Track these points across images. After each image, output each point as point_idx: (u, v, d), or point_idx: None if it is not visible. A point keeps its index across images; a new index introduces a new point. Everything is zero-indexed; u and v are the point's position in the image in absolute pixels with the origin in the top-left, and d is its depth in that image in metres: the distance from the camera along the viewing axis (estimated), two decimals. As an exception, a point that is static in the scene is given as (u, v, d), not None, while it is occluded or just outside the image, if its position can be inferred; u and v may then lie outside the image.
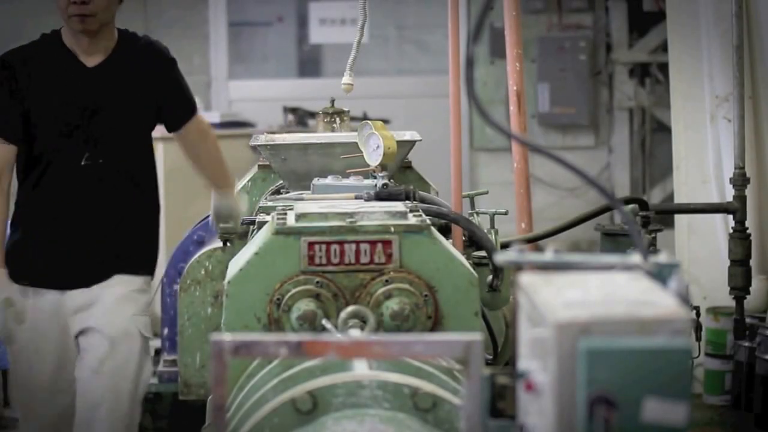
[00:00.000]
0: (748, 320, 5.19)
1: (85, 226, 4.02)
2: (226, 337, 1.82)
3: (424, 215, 2.88)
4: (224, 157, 4.17)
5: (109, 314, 3.99)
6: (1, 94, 3.95)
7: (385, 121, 4.05)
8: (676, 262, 1.85)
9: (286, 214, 2.87)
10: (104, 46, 4.02)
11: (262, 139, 3.88)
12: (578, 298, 1.72)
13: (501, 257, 1.92)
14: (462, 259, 2.83)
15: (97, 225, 4.03)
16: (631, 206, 4.83)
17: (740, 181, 5.17)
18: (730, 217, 5.27)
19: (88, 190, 4.01)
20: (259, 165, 3.94)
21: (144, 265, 4.11)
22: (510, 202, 4.10)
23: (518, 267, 1.90)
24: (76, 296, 4.00)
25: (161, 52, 4.11)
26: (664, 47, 7.94)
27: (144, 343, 4.04)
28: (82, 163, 3.98)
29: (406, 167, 3.84)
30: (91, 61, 4.03)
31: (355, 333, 2.64)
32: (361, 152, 3.40)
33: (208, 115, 8.50)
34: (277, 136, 3.92)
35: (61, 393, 4.00)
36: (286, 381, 2.51)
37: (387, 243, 2.75)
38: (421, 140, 3.67)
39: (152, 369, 4.34)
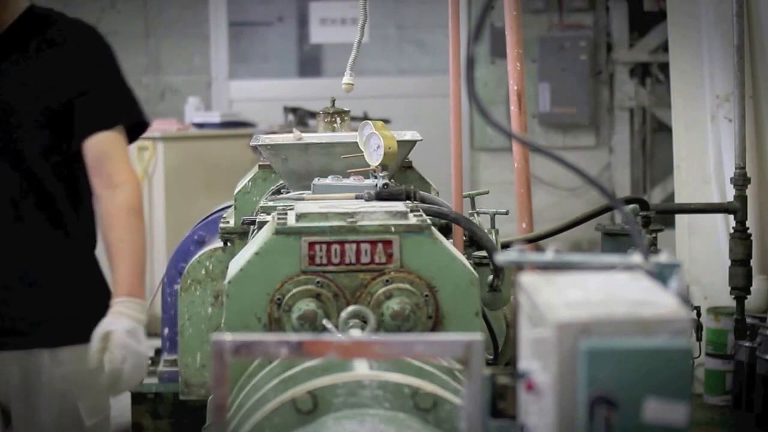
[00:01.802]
0: (748, 320, 5.18)
1: None
2: (227, 337, 1.82)
3: (424, 215, 2.88)
4: (143, 256, 2.98)
5: (42, 408, 3.04)
6: None
7: (386, 121, 4.05)
8: (676, 262, 1.85)
9: (286, 214, 2.87)
10: None
11: (263, 139, 3.88)
12: (579, 298, 1.72)
13: (502, 257, 1.92)
14: (463, 259, 2.83)
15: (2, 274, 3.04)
16: (631, 206, 4.82)
17: (741, 180, 5.17)
18: (731, 217, 5.26)
19: None
20: (259, 165, 3.93)
21: (79, 332, 3.01)
22: (510, 202, 4.10)
23: (519, 267, 1.90)
24: None
25: (86, 30, 3.10)
26: (664, 47, 7.95)
27: None
28: None
29: (407, 167, 3.84)
30: None
31: (356, 333, 2.64)
32: (362, 152, 3.40)
33: (208, 115, 8.57)
34: (276, 136, 3.92)
35: None
36: (286, 381, 2.50)
37: (387, 243, 2.74)
38: (421, 140, 3.67)
39: None
